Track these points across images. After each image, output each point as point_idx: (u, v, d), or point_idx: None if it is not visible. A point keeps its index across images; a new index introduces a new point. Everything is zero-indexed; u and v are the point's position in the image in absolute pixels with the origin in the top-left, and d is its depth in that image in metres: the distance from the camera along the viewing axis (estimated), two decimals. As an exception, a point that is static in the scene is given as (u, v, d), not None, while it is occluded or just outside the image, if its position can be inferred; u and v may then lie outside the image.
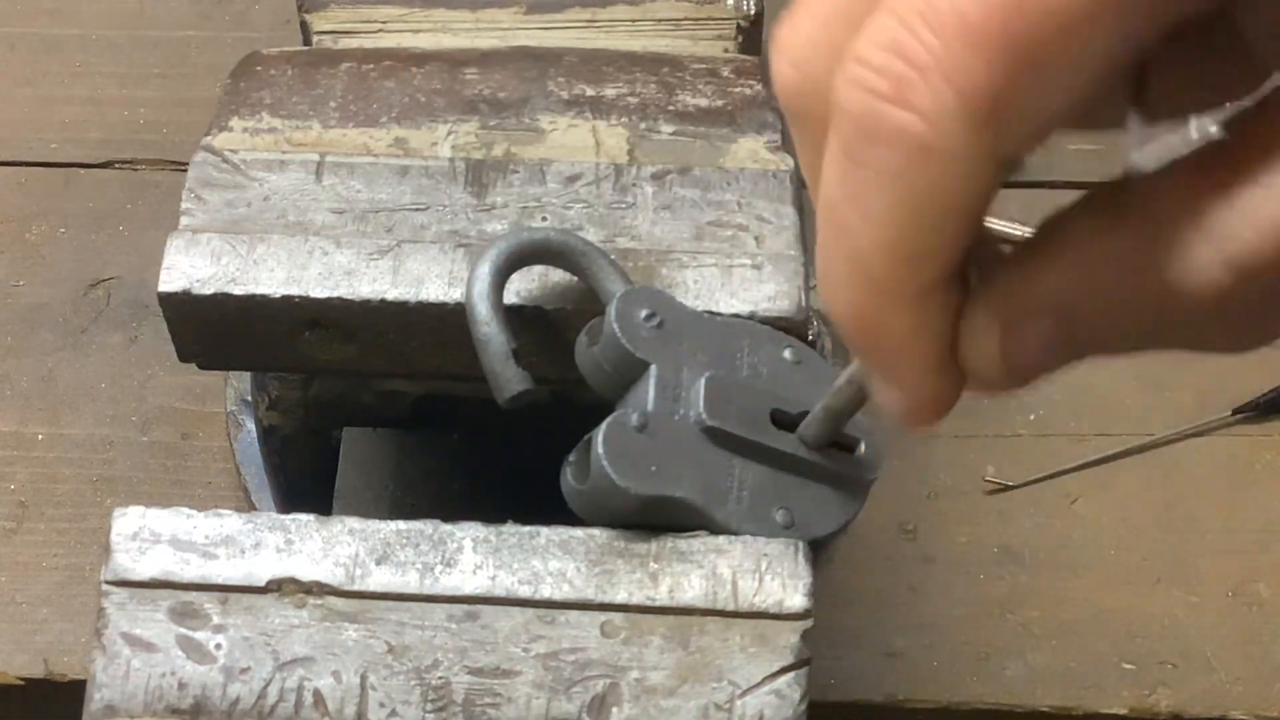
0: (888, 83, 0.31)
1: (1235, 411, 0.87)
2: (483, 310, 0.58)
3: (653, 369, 0.55)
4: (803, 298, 0.61)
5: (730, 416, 0.54)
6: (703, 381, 0.55)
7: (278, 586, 0.57)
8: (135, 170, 0.97)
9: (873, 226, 0.33)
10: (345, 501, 0.71)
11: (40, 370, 0.90)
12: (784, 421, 0.55)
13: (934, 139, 0.31)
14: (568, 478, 0.56)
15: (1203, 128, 0.36)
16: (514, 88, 0.68)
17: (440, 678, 0.55)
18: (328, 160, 0.65)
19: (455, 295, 0.61)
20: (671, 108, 0.67)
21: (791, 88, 0.35)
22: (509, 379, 0.57)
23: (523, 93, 0.68)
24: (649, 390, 0.55)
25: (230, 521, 0.58)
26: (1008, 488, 0.85)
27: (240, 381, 0.85)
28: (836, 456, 0.55)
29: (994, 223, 0.93)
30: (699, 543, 0.57)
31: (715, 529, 0.54)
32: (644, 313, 0.56)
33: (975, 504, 0.85)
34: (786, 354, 0.57)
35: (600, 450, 0.53)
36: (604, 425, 0.54)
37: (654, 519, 0.55)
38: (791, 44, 0.35)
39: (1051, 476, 0.85)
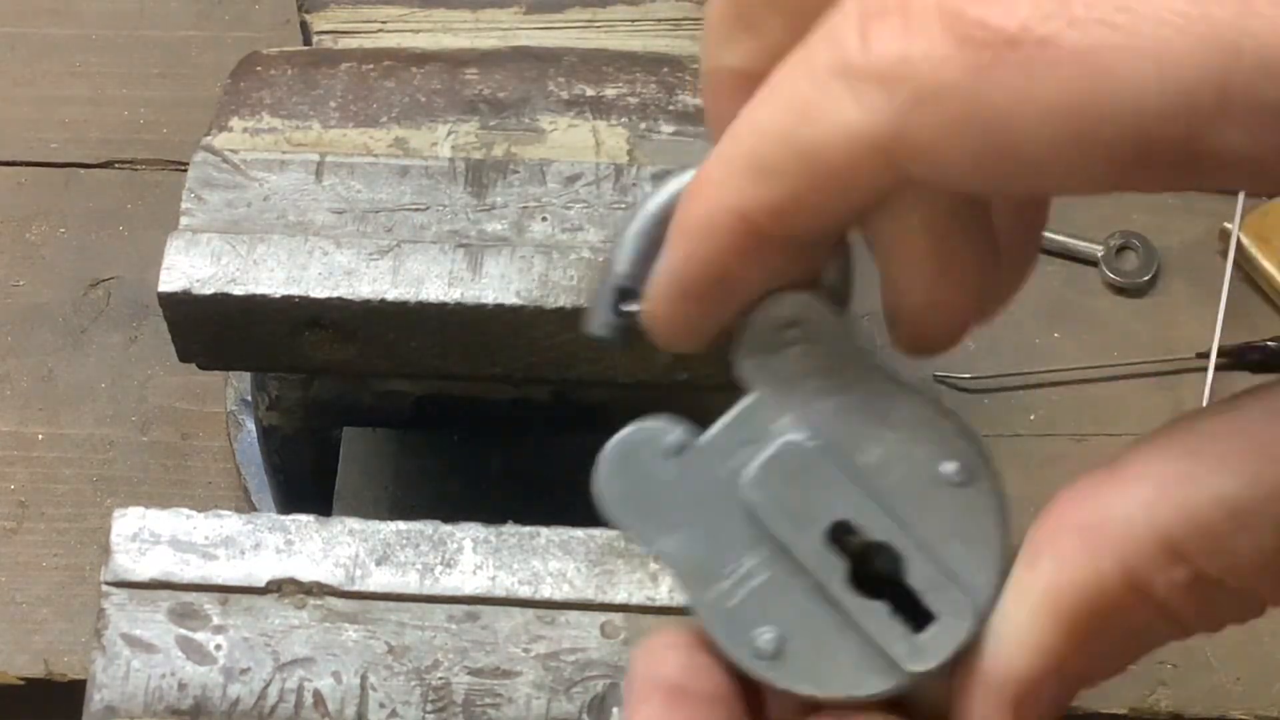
0: None
1: (1199, 355, 0.87)
2: (628, 231, 0.45)
3: (749, 398, 0.42)
4: (803, 298, 0.61)
5: (781, 503, 0.41)
6: (775, 446, 0.41)
7: (278, 587, 0.57)
8: (135, 170, 0.97)
9: None
10: (345, 501, 0.71)
11: (40, 370, 0.90)
12: (848, 543, 0.41)
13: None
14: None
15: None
16: (514, 88, 0.68)
17: (440, 678, 0.55)
18: (328, 160, 0.65)
19: (455, 295, 0.61)
20: (671, 108, 0.67)
21: None
22: (597, 318, 0.46)
23: (523, 93, 0.68)
24: (724, 418, 0.42)
25: (230, 522, 0.58)
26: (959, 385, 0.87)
27: (240, 381, 0.85)
28: (888, 619, 0.40)
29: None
30: (699, 543, 0.57)
31: (687, 604, 0.42)
32: (788, 328, 0.42)
33: (975, 504, 0.85)
34: (947, 468, 0.41)
35: (607, 452, 0.43)
36: (633, 426, 0.44)
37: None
38: None
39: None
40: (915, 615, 0.39)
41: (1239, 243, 0.89)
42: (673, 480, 0.42)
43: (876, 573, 0.40)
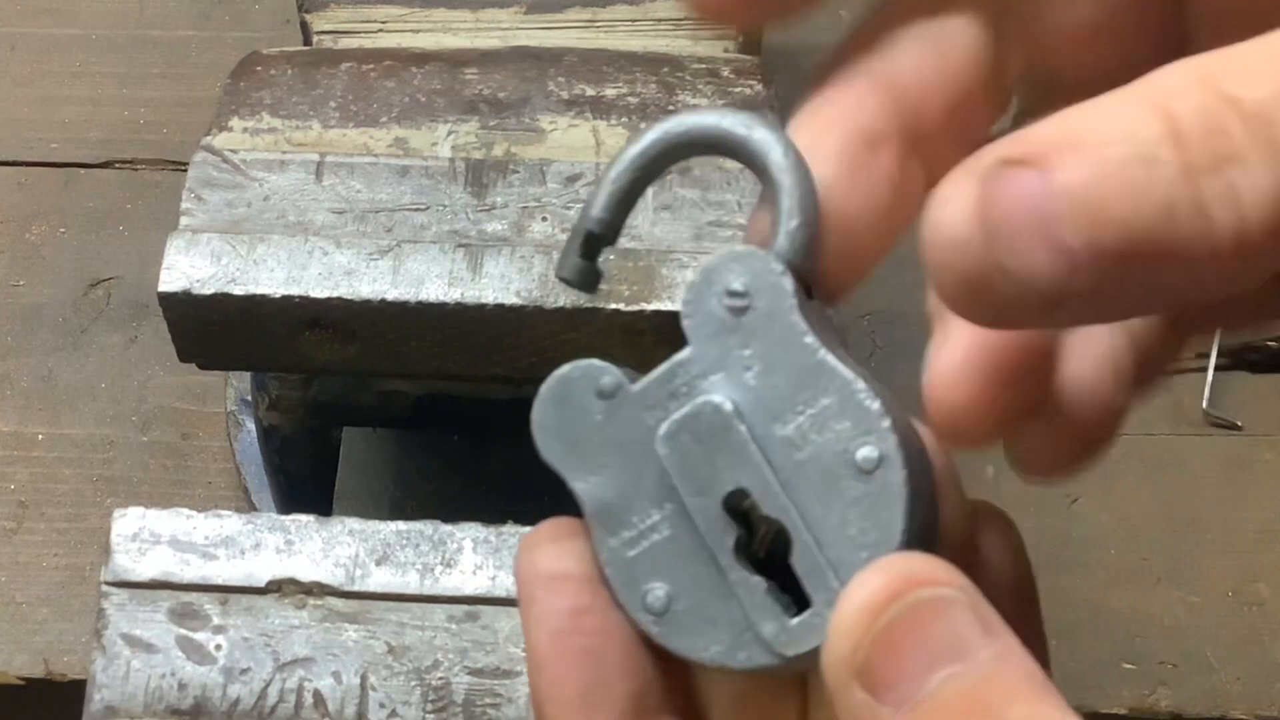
0: None
1: (1199, 355, 0.87)
2: (604, 176, 0.45)
3: (685, 351, 0.42)
4: (803, 298, 0.61)
5: (687, 462, 0.40)
6: (693, 404, 0.41)
7: (278, 587, 0.57)
8: (135, 170, 0.97)
9: None
10: (345, 501, 0.71)
11: (40, 370, 0.90)
12: (748, 514, 0.40)
13: None
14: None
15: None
16: (514, 88, 0.68)
17: (440, 678, 0.55)
18: (328, 160, 0.65)
19: (455, 295, 0.61)
20: (671, 107, 0.67)
21: None
22: (563, 262, 0.45)
23: (523, 93, 0.68)
24: (659, 368, 0.42)
25: (230, 522, 0.58)
26: None
27: (240, 381, 0.85)
28: (764, 598, 0.39)
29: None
30: (699, 543, 0.57)
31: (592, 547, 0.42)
32: (736, 284, 0.42)
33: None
34: (861, 452, 0.39)
35: (546, 384, 0.42)
36: (570, 365, 0.43)
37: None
38: None
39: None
40: (797, 597, 0.38)
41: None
42: (600, 422, 0.41)
43: (769, 548, 0.40)
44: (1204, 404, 0.86)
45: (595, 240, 0.44)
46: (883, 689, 0.32)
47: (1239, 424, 0.86)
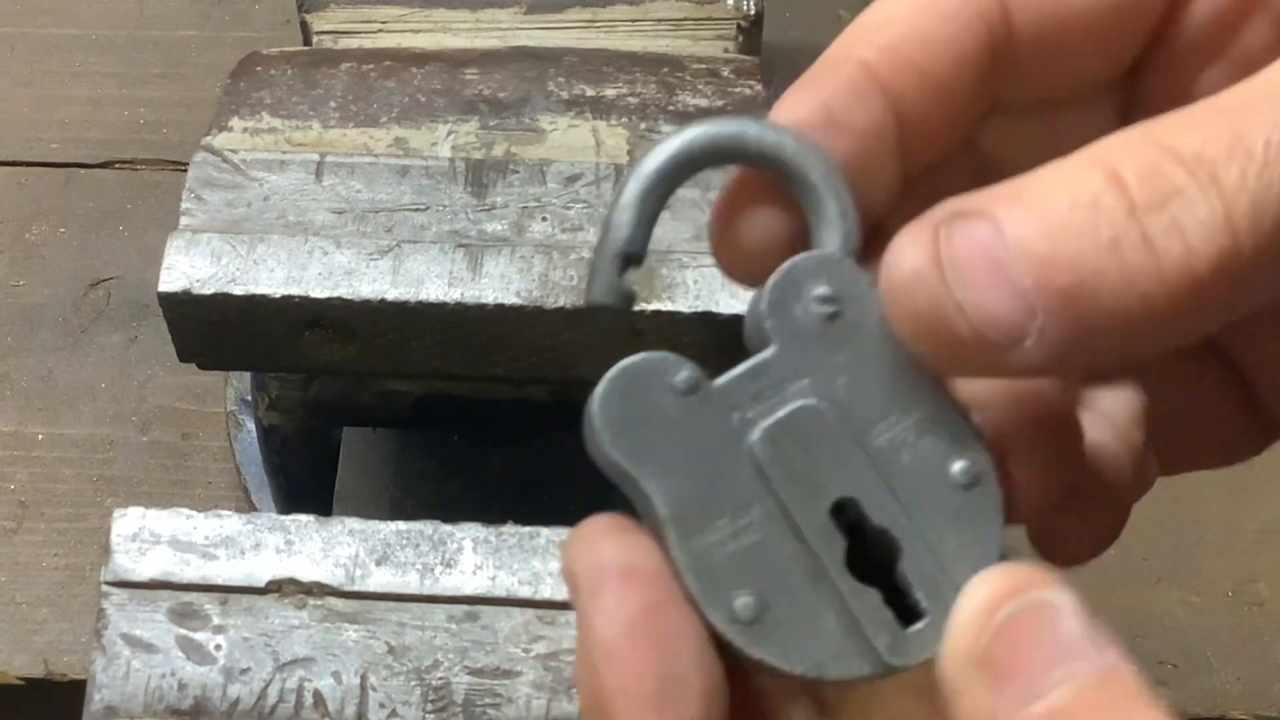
0: None
1: None
2: (627, 194, 0.43)
3: (769, 352, 0.40)
4: (803, 298, 0.61)
5: (790, 466, 0.39)
6: (794, 407, 0.39)
7: (278, 587, 0.57)
8: (135, 170, 0.97)
9: None
10: (345, 501, 0.71)
11: (40, 370, 0.90)
12: (850, 523, 0.39)
13: None
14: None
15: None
16: (514, 88, 0.68)
17: (440, 678, 0.55)
18: (328, 160, 0.65)
19: (455, 295, 0.61)
20: (671, 108, 0.67)
21: None
22: (599, 285, 0.44)
23: (523, 93, 0.68)
24: (740, 366, 0.40)
25: (230, 522, 0.58)
26: None
27: (240, 381, 0.85)
28: (879, 609, 0.39)
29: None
30: (699, 543, 0.57)
31: (664, 553, 0.39)
32: (821, 291, 0.40)
33: (975, 504, 0.85)
34: (957, 466, 0.39)
35: (612, 375, 0.40)
36: (639, 356, 0.41)
37: (623, 489, 0.42)
38: None
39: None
40: (900, 607, 0.38)
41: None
42: (677, 418, 0.39)
43: (868, 556, 0.39)
44: None
45: (626, 260, 0.43)
46: (1004, 681, 0.32)
47: None
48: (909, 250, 0.33)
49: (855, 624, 0.38)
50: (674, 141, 0.42)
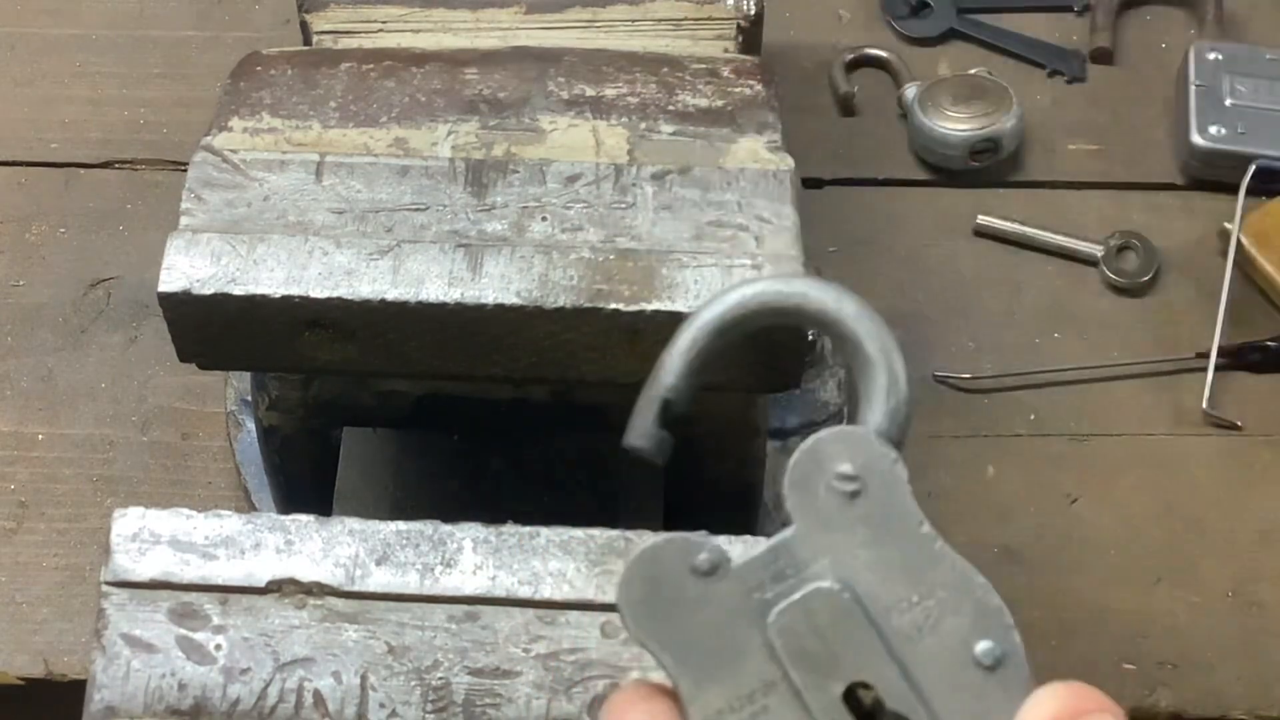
0: None
1: (1199, 355, 0.87)
2: (681, 342, 0.45)
3: (789, 531, 0.41)
4: (803, 298, 0.61)
5: (804, 649, 0.40)
6: (810, 590, 0.41)
7: (278, 587, 0.57)
8: (135, 170, 0.97)
9: None
10: (345, 502, 0.71)
11: (40, 370, 0.90)
12: (860, 699, 0.40)
13: None
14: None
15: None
16: (514, 88, 0.68)
17: (440, 678, 0.55)
18: (328, 160, 0.65)
19: (455, 295, 0.61)
20: (671, 108, 0.67)
21: None
22: (636, 429, 0.47)
23: (523, 93, 0.68)
24: (759, 547, 0.42)
25: (230, 522, 0.58)
26: (955, 384, 0.87)
27: (240, 381, 0.85)
28: None
29: (993, 221, 0.94)
30: (699, 543, 0.57)
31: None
32: (842, 468, 0.41)
33: (975, 504, 0.85)
34: (981, 646, 0.40)
35: (635, 558, 0.42)
36: (666, 537, 0.43)
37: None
38: None
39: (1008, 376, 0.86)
40: None
41: (1239, 243, 0.89)
42: (697, 599, 0.41)
43: None
44: (1204, 404, 0.86)
45: (670, 407, 0.45)
46: None
47: (1239, 424, 0.86)
48: None
49: None
50: (733, 296, 0.43)
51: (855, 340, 0.43)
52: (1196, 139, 0.93)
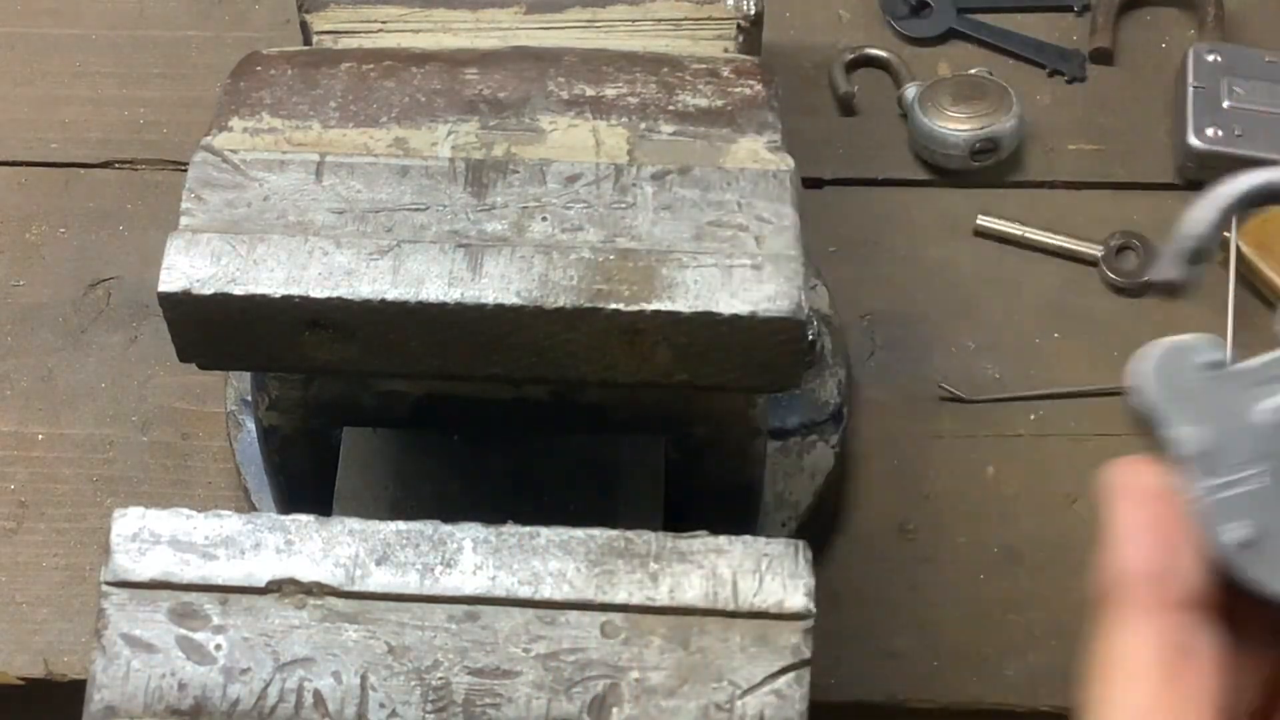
0: None
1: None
2: (1214, 200, 0.53)
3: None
4: (802, 298, 0.61)
5: None
6: None
7: (278, 587, 0.57)
8: (135, 170, 0.97)
9: None
10: (345, 502, 0.71)
11: (40, 370, 0.90)
12: None
13: None
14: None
15: None
16: (514, 88, 0.68)
17: (440, 678, 0.55)
18: (328, 160, 0.65)
19: (455, 295, 0.61)
20: (671, 108, 0.67)
21: None
22: (1172, 259, 0.55)
23: (523, 93, 0.68)
24: (1258, 357, 0.52)
25: (230, 522, 0.58)
26: (960, 399, 0.87)
27: (240, 381, 0.85)
28: None
29: (993, 222, 0.94)
30: (699, 543, 0.57)
31: (1183, 487, 0.50)
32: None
33: (975, 504, 0.85)
34: None
35: (1156, 352, 0.52)
36: (1176, 339, 0.53)
37: (1155, 434, 0.52)
38: None
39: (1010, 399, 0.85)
40: None
41: (1239, 250, 0.89)
42: (1202, 386, 0.50)
43: None
44: None
45: (1198, 255, 0.53)
46: None
47: None
48: None
49: None
50: (1262, 175, 0.53)
51: None
52: (1193, 140, 0.93)
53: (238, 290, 0.61)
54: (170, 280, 0.62)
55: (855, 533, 0.84)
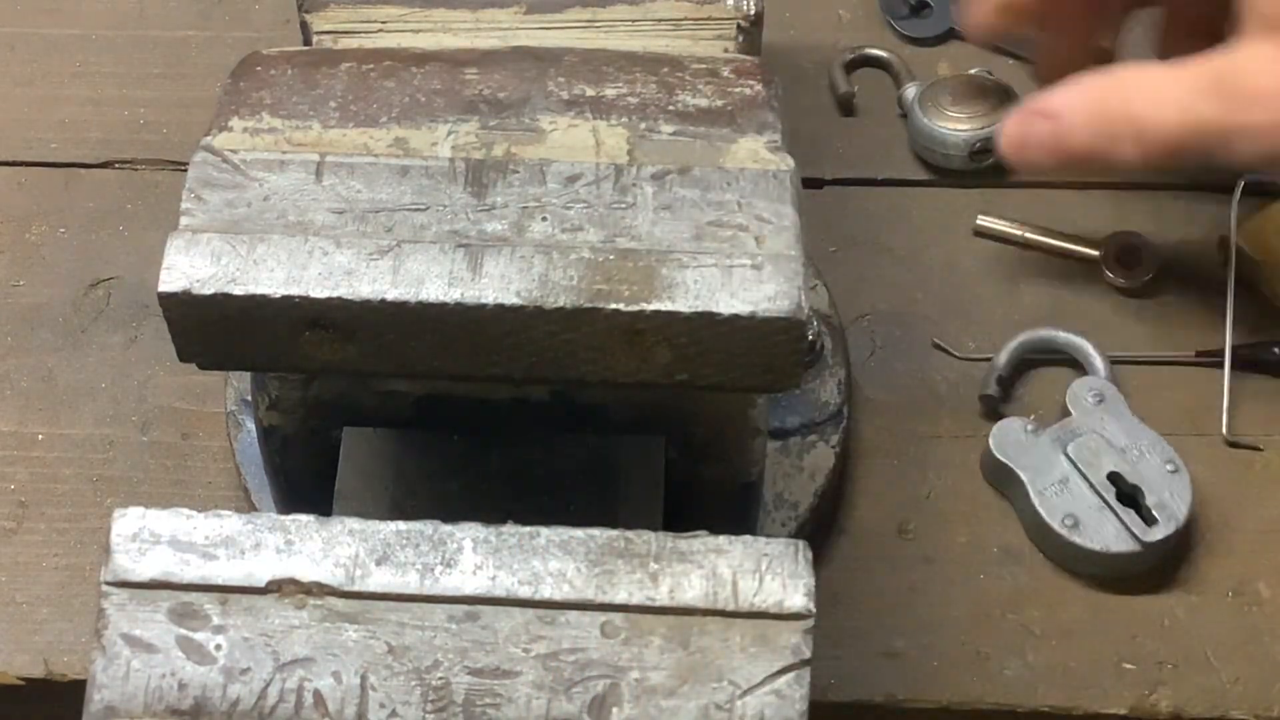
0: None
1: (1199, 354, 0.87)
2: None
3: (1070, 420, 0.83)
4: (802, 298, 0.61)
5: (1089, 461, 0.81)
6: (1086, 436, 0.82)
7: (278, 587, 0.57)
8: (135, 170, 0.97)
9: None
10: (345, 502, 0.71)
11: (40, 370, 0.90)
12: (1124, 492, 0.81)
13: None
14: None
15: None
16: (514, 88, 0.68)
17: (440, 678, 0.55)
18: (328, 160, 0.65)
19: (455, 295, 0.61)
20: (671, 108, 0.67)
21: None
22: None
23: (523, 93, 0.68)
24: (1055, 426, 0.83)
25: (230, 522, 0.58)
26: (950, 353, 0.85)
27: (240, 381, 0.85)
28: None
29: (993, 222, 0.94)
30: (699, 543, 0.58)
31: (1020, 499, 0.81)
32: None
33: (975, 504, 0.85)
34: (1168, 466, 0.82)
35: (994, 432, 0.83)
36: (1003, 423, 0.84)
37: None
38: None
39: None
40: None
41: (1238, 249, 0.89)
42: (1029, 442, 0.82)
43: None
44: (1223, 430, 0.86)
45: None
46: None
47: (1261, 447, 0.86)
48: (1009, 127, 0.77)
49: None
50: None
51: None
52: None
53: (238, 290, 0.61)
54: (170, 280, 0.62)
55: (855, 533, 0.84)
